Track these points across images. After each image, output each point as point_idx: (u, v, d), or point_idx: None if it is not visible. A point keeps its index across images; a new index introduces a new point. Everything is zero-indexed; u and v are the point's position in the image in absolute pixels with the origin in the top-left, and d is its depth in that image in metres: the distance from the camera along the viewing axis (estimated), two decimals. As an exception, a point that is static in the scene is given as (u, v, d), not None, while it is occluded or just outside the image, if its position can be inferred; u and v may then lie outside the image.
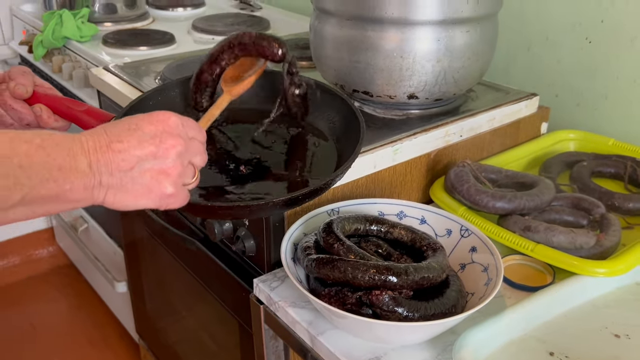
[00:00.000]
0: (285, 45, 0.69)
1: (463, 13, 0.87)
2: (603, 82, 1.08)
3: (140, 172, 0.50)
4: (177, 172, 0.52)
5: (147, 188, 0.51)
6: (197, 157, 0.54)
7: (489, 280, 0.65)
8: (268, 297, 0.73)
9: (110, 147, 0.48)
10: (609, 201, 0.88)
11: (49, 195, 0.47)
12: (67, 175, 0.47)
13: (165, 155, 0.50)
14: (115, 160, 0.49)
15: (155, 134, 0.50)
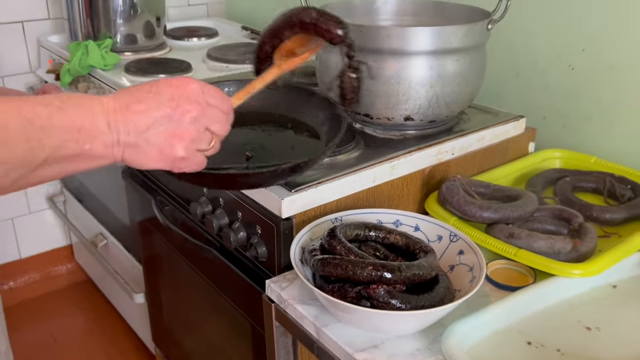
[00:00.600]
0: (346, 26, 0.67)
1: (453, 44, 0.97)
2: (586, 105, 1.17)
3: (155, 133, 0.52)
4: (191, 137, 0.54)
5: (159, 149, 0.53)
6: (215, 124, 0.56)
7: (474, 277, 0.74)
8: (279, 296, 0.82)
9: (129, 108, 0.52)
10: (588, 212, 0.96)
11: (70, 155, 0.50)
12: (87, 135, 0.50)
13: (180, 119, 0.53)
14: (133, 120, 0.52)
15: (173, 97, 0.53)
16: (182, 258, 1.20)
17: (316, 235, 0.82)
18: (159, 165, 0.54)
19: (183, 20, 1.96)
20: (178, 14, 2.00)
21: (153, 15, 1.64)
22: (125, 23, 1.60)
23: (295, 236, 0.80)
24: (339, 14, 1.09)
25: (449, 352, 0.68)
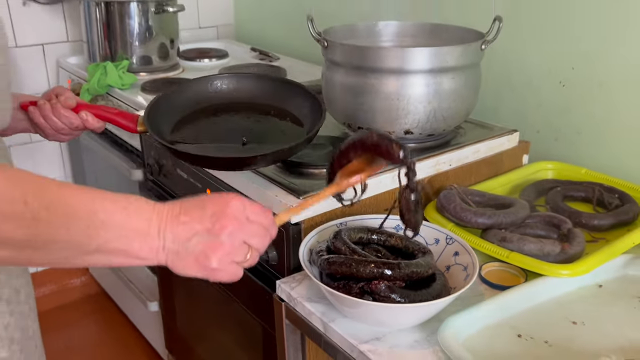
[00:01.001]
0: (406, 148, 0.70)
1: (449, 63, 1.05)
2: (577, 120, 1.24)
3: (194, 244, 0.58)
4: (226, 250, 0.58)
5: (195, 259, 0.58)
6: (253, 238, 0.60)
7: (468, 275, 0.80)
8: (288, 295, 0.89)
9: (177, 218, 0.58)
10: (577, 219, 1.03)
11: (119, 249, 0.57)
12: (138, 236, 0.57)
13: (217, 233, 0.58)
14: (178, 230, 0.58)
15: (215, 212, 0.59)
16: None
17: (323, 238, 0.89)
18: (195, 272, 0.59)
19: (194, 42, 2.05)
20: (190, 36, 2.10)
21: (167, 37, 1.73)
22: (141, 45, 1.69)
23: (303, 239, 0.87)
24: (343, 35, 1.18)
25: (446, 344, 0.74)
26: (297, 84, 1.11)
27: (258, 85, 1.11)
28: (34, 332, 0.79)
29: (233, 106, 1.10)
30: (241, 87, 1.11)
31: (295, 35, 1.94)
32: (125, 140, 1.55)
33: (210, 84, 1.12)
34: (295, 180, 1.00)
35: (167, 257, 0.59)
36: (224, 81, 1.12)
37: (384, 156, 0.70)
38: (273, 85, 1.11)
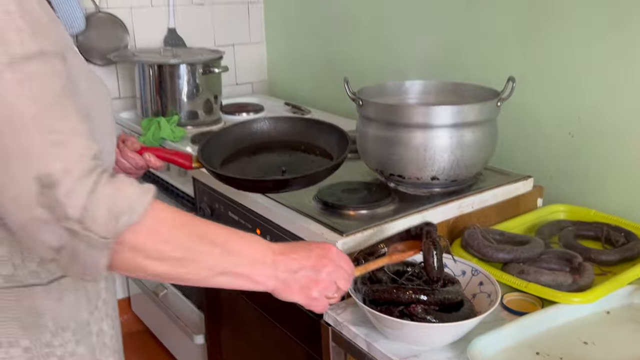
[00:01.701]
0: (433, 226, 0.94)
1: (468, 119, 1.21)
2: (585, 166, 1.39)
3: (302, 276, 0.76)
4: (324, 285, 0.77)
5: (300, 288, 0.76)
6: (341, 280, 0.79)
7: (492, 301, 0.93)
8: (335, 320, 1.02)
9: (287, 255, 0.76)
10: (587, 255, 1.16)
11: (241, 273, 0.74)
12: (256, 263, 0.74)
13: (320, 270, 0.77)
14: (289, 264, 0.75)
15: (319, 255, 0.78)
16: (243, 298, 1.41)
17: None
18: (298, 299, 0.77)
19: (233, 97, 2.25)
20: (228, 92, 2.30)
21: (212, 94, 1.93)
22: (189, 101, 1.88)
23: (348, 271, 1.01)
24: (374, 93, 1.35)
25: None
26: (323, 122, 1.28)
27: (290, 126, 1.29)
28: (121, 346, 0.94)
29: (270, 144, 1.27)
30: (276, 128, 1.29)
31: (324, 90, 2.13)
32: (176, 187, 1.72)
33: (251, 126, 1.29)
34: (336, 219, 1.15)
35: (276, 285, 0.76)
36: (261, 124, 1.29)
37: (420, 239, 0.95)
38: (303, 125, 1.29)
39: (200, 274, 0.73)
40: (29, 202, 0.64)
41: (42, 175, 0.64)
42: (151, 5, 2.15)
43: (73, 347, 0.84)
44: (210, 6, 2.26)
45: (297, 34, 2.27)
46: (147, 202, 0.68)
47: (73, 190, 0.65)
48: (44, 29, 0.69)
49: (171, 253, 0.70)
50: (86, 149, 0.67)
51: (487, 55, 1.55)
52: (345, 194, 1.25)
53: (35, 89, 0.66)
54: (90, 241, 0.66)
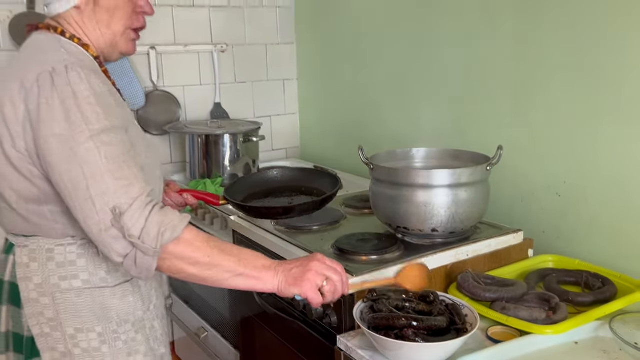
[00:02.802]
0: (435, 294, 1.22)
1: (462, 180, 1.44)
2: (572, 222, 1.59)
3: (294, 271, 1.08)
4: (312, 274, 1.07)
5: (295, 279, 1.07)
6: (328, 272, 1.09)
7: (471, 326, 1.14)
8: (346, 346, 1.24)
9: (287, 264, 1.10)
10: (565, 297, 1.35)
11: (252, 275, 1.06)
12: (264, 269, 1.07)
13: (307, 265, 1.08)
14: (286, 266, 1.09)
15: (308, 258, 1.11)
16: (273, 334, 1.63)
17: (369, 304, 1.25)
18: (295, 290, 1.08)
19: (269, 161, 2.55)
20: (265, 157, 2.60)
21: (250, 159, 2.22)
22: (231, 165, 2.18)
23: (356, 303, 1.24)
24: (384, 159, 1.61)
25: (456, 376, 1.07)
26: (318, 169, 1.72)
27: (293, 173, 1.70)
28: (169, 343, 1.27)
29: (278, 187, 1.65)
30: (282, 175, 1.69)
31: (347, 155, 2.40)
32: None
33: (264, 174, 1.69)
34: (350, 263, 1.38)
35: (278, 284, 1.08)
36: (271, 172, 1.69)
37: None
38: (303, 172, 1.71)
39: (222, 275, 1.05)
40: (107, 225, 0.99)
41: (115, 207, 0.99)
42: (200, 84, 2.50)
43: (133, 335, 1.18)
44: (251, 83, 2.61)
45: (325, 108, 2.58)
46: (185, 224, 1.03)
47: (135, 217, 0.99)
48: (112, 111, 1.06)
49: (201, 259, 1.03)
50: (143, 189, 1.02)
51: (484, 126, 1.80)
52: (360, 242, 1.49)
53: (109, 152, 1.01)
54: (145, 250, 0.99)
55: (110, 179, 0.99)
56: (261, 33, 2.59)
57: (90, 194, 0.99)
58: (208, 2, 2.45)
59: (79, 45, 1.14)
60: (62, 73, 1.02)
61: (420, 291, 1.23)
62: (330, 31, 2.46)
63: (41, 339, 1.13)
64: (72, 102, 1.01)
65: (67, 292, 1.12)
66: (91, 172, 0.99)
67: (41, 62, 1.05)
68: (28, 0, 2.09)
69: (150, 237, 0.99)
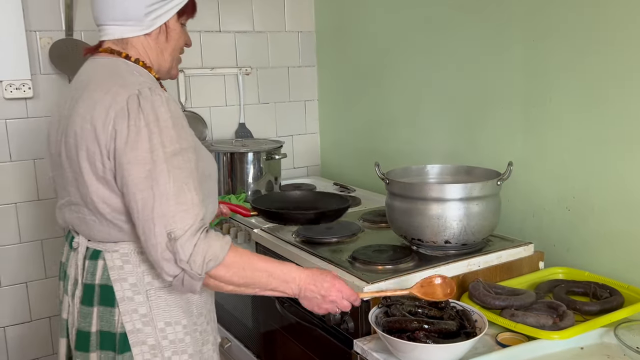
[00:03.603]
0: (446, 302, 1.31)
1: (474, 194, 1.52)
2: (582, 235, 1.65)
3: (315, 299, 1.23)
4: (327, 306, 1.24)
5: (312, 305, 1.25)
6: (343, 308, 1.25)
7: (481, 330, 1.21)
8: (362, 349, 1.31)
9: (309, 284, 1.23)
10: (573, 305, 1.41)
11: (280, 290, 1.22)
12: (290, 285, 1.22)
13: (325, 300, 1.23)
14: (309, 288, 1.23)
15: (328, 289, 1.23)
16: (294, 341, 1.71)
17: (384, 308, 1.33)
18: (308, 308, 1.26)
19: (290, 179, 2.64)
20: (287, 174, 2.70)
21: (273, 176, 2.32)
22: (254, 182, 2.28)
23: (372, 309, 1.31)
24: (400, 175, 1.69)
25: (465, 376, 1.14)
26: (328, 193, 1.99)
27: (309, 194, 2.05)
28: None
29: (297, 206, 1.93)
30: (301, 195, 2.02)
31: (365, 172, 2.49)
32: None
33: (286, 193, 1.92)
34: (366, 272, 1.46)
35: (299, 298, 1.25)
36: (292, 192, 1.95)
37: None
38: (318, 194, 2.08)
39: (255, 290, 1.22)
40: (162, 248, 1.10)
41: (171, 232, 1.09)
42: (226, 105, 2.62)
43: (205, 326, 1.34)
44: (274, 104, 2.72)
45: (345, 127, 2.68)
46: (226, 251, 1.15)
47: (186, 245, 1.10)
48: (184, 132, 1.17)
49: (238, 281, 1.18)
50: (197, 215, 1.12)
51: (496, 143, 1.88)
52: (376, 253, 1.57)
53: (177, 175, 1.11)
54: (191, 275, 1.12)
55: (172, 202, 1.09)
56: (284, 56, 2.71)
57: (153, 215, 1.09)
58: (233, 27, 2.59)
59: (143, 68, 1.26)
60: (148, 96, 1.13)
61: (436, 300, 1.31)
62: (349, 54, 2.57)
63: (132, 335, 1.22)
64: (155, 125, 1.11)
65: (160, 290, 1.24)
66: (159, 194, 1.09)
67: (122, 84, 1.16)
68: (67, 27, 2.24)
69: (197, 264, 1.10)
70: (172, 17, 1.28)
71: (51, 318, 2.39)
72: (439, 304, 1.31)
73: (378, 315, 1.30)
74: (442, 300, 1.30)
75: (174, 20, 1.30)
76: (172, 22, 1.29)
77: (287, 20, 2.70)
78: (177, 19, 1.31)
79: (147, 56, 1.28)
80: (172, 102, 1.16)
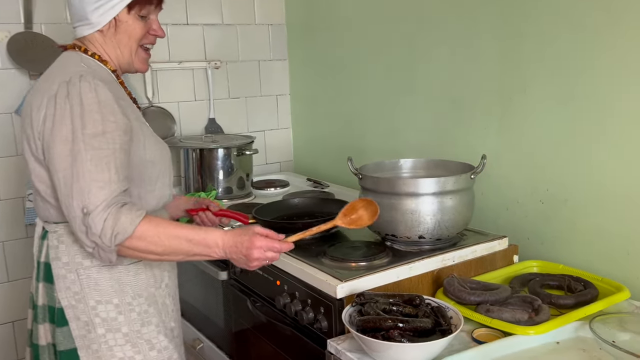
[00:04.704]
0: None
1: (447, 188, 1.50)
2: (555, 228, 1.64)
3: (240, 259, 1.25)
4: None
5: (239, 263, 1.27)
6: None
7: (456, 327, 1.18)
8: (336, 349, 1.28)
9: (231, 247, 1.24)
10: (548, 299, 1.39)
11: (204, 254, 1.25)
12: (213, 248, 1.24)
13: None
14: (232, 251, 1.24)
15: (248, 248, 1.24)
16: (265, 341, 1.67)
17: (357, 307, 1.29)
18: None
19: (263, 175, 2.59)
20: (259, 170, 2.65)
21: (244, 172, 2.27)
22: (225, 178, 2.23)
23: (345, 307, 1.28)
24: (373, 170, 1.66)
25: (441, 375, 1.11)
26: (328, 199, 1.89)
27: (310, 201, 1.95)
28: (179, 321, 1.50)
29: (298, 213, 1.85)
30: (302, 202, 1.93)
31: (338, 167, 2.44)
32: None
33: (284, 201, 1.80)
34: (340, 270, 1.42)
35: (231, 260, 1.28)
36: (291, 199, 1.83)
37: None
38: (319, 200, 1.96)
39: (178, 257, 1.26)
40: (79, 222, 1.18)
41: (84, 207, 1.17)
42: (195, 100, 2.56)
43: (146, 308, 1.36)
44: (244, 99, 2.67)
45: (317, 122, 2.64)
46: (136, 224, 1.18)
47: (96, 219, 1.16)
48: (111, 116, 1.22)
49: (156, 249, 1.22)
50: (113, 192, 1.18)
51: (470, 137, 1.86)
52: (349, 250, 1.54)
53: (96, 154, 1.19)
54: (104, 248, 1.19)
55: (88, 179, 1.17)
56: (254, 50, 2.65)
57: (72, 191, 1.18)
58: (202, 20, 2.52)
59: (98, 61, 1.35)
60: (76, 83, 1.22)
61: (363, 227, 1.37)
62: (321, 47, 2.52)
63: (69, 310, 1.31)
64: (78, 110, 1.20)
65: (89, 269, 1.31)
66: (77, 172, 1.18)
67: (62, 74, 1.26)
68: (25, 20, 2.15)
69: (107, 237, 1.17)
70: (121, 11, 1.33)
71: (14, 323, 2.30)
72: (414, 300, 1.28)
73: (352, 314, 1.26)
74: (369, 224, 1.38)
75: (124, 13, 1.34)
76: (122, 15, 1.34)
77: (257, 13, 2.64)
78: (128, 12, 1.34)
79: (104, 51, 1.37)
80: (102, 89, 1.23)
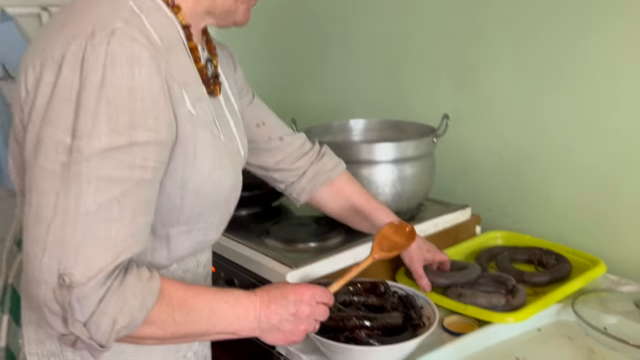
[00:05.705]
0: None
1: (407, 154, 1.30)
2: (520, 198, 1.49)
3: (285, 325, 0.84)
4: (305, 328, 0.85)
5: (284, 335, 0.85)
6: (320, 316, 0.87)
7: (430, 324, 1.00)
8: (287, 350, 1.07)
9: (268, 307, 0.82)
10: (520, 277, 1.24)
11: (229, 331, 0.81)
12: (240, 321, 0.81)
13: (300, 317, 0.84)
14: (270, 317, 0.82)
15: (296, 302, 0.84)
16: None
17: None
18: (281, 342, 0.86)
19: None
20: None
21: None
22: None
23: (297, 301, 1.06)
24: (319, 133, 1.43)
25: (415, 379, 0.93)
26: None
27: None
28: None
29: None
30: None
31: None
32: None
33: None
34: (287, 253, 1.21)
35: (261, 333, 0.84)
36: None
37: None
38: None
39: (197, 338, 0.87)
40: (48, 293, 0.67)
41: (64, 274, 0.66)
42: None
43: None
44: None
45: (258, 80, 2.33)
46: (149, 307, 0.72)
47: (86, 297, 0.67)
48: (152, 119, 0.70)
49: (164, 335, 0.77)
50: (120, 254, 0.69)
51: (425, 95, 1.67)
52: (295, 227, 1.32)
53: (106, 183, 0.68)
54: (88, 344, 0.70)
55: (82, 228, 0.67)
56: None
57: (47, 236, 0.66)
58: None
59: (166, 4, 0.80)
60: (102, 43, 0.68)
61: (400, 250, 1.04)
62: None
63: None
64: (94, 95, 0.67)
65: None
66: (65, 209, 0.66)
67: (86, 20, 0.70)
68: None
69: (101, 330, 0.69)
70: None
71: None
72: (378, 289, 1.08)
73: (305, 309, 1.05)
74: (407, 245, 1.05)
75: None
76: None
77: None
78: None
79: None
80: (147, 65, 0.70)
